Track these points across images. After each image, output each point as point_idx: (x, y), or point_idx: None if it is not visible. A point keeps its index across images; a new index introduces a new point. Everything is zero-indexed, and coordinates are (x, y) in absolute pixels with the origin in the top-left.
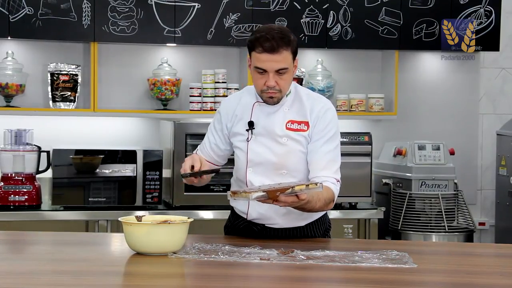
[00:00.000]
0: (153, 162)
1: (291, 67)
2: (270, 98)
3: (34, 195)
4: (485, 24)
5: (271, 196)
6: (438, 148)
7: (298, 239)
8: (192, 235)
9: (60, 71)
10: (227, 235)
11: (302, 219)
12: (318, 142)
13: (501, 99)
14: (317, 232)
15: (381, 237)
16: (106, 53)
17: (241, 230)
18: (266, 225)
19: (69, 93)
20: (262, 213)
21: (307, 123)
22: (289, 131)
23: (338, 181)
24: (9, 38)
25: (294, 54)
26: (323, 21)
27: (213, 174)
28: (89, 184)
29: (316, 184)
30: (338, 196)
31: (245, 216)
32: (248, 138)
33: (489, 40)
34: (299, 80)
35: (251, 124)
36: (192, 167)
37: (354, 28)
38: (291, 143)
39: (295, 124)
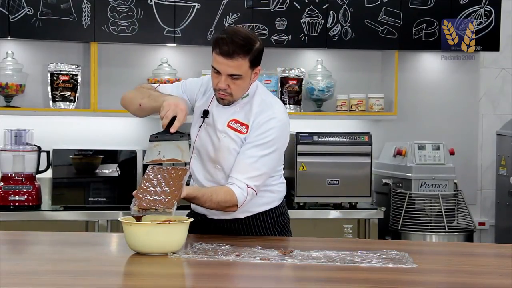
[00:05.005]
0: None
1: (247, 75)
2: (221, 99)
3: (34, 195)
4: (485, 24)
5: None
6: (438, 148)
7: (257, 236)
8: (192, 235)
9: (60, 71)
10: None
11: (237, 213)
12: (247, 145)
13: (501, 99)
14: (262, 225)
15: (381, 237)
16: (106, 53)
17: (193, 222)
18: (207, 216)
19: (69, 93)
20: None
21: (247, 127)
22: (229, 129)
23: (250, 187)
24: (9, 38)
25: (254, 63)
26: (323, 21)
27: None
28: (89, 184)
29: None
30: (339, 196)
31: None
32: (200, 125)
33: (489, 40)
34: (299, 80)
35: (205, 113)
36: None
37: (354, 28)
38: (227, 140)
39: (237, 124)
